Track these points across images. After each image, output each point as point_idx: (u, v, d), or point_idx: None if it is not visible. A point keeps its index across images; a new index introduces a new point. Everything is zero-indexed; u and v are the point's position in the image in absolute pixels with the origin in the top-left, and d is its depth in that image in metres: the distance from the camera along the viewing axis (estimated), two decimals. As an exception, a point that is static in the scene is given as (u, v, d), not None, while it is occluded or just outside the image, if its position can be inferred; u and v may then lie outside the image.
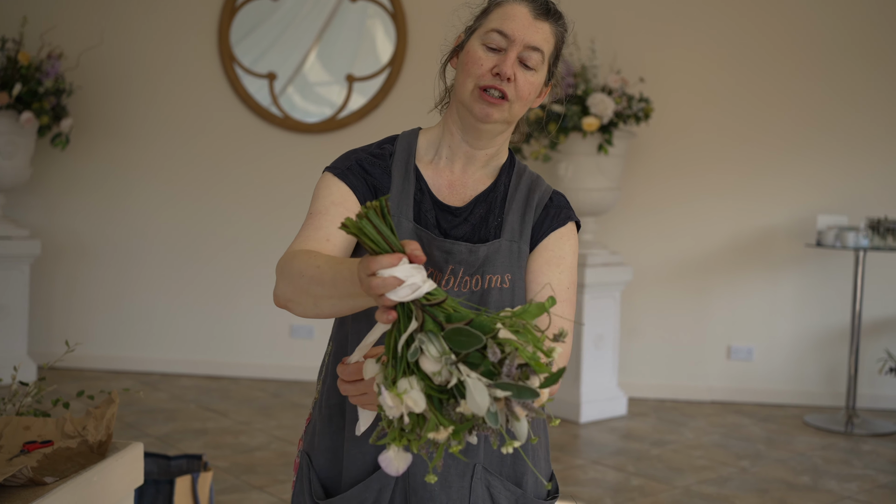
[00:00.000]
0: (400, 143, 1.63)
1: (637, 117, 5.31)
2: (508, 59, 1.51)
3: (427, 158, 1.63)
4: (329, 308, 1.36)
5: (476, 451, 1.53)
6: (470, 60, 1.54)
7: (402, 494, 1.52)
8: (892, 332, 5.85)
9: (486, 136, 1.59)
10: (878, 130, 5.87)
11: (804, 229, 5.88)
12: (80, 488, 1.81)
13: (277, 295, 1.44)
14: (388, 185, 1.57)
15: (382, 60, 6.25)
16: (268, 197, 6.16)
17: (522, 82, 1.53)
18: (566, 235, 1.61)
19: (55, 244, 6.27)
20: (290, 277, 1.40)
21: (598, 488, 4.15)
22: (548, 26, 1.56)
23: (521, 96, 1.54)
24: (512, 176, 1.64)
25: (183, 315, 6.27)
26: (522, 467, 1.59)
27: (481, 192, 1.61)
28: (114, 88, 6.27)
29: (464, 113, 1.57)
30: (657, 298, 6.01)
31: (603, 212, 5.57)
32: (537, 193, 1.63)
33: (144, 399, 5.46)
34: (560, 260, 1.58)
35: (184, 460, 3.41)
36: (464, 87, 1.55)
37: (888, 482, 4.39)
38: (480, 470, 1.54)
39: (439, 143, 1.63)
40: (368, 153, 1.61)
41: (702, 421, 5.46)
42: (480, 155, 1.61)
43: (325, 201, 1.54)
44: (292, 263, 1.41)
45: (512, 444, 1.10)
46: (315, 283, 1.35)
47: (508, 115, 1.55)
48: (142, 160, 6.29)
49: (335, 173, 1.57)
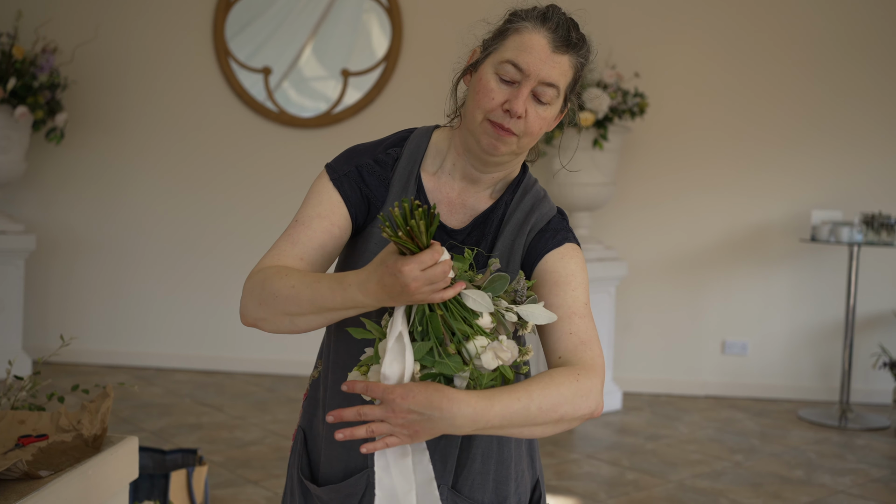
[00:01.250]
0: (408, 147, 1.57)
1: (632, 112, 5.31)
2: (521, 96, 1.44)
3: (431, 169, 1.57)
4: (305, 324, 1.38)
5: (442, 473, 1.49)
6: (482, 90, 1.46)
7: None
8: (885, 326, 5.87)
9: (491, 165, 1.53)
10: (873, 125, 5.89)
11: (798, 224, 5.89)
12: (75, 482, 1.82)
13: (246, 314, 1.43)
14: (383, 197, 1.53)
15: (378, 55, 6.24)
16: (263, 192, 6.16)
17: (533, 118, 1.46)
18: (568, 254, 1.52)
19: (50, 239, 6.26)
20: (262, 299, 1.39)
21: (593, 482, 4.17)
22: (566, 59, 1.47)
23: (530, 132, 1.47)
24: (515, 196, 1.57)
25: (178, 310, 6.27)
26: (504, 491, 1.53)
27: (480, 214, 1.56)
28: (108, 83, 6.26)
29: (471, 141, 1.50)
30: (652, 293, 6.02)
31: (597, 207, 5.58)
32: (535, 216, 1.55)
33: (139, 394, 5.46)
34: (568, 279, 1.49)
35: (179, 455, 3.41)
36: (473, 117, 1.47)
37: (881, 476, 4.41)
38: (447, 491, 1.49)
39: (446, 154, 1.57)
40: (372, 158, 1.55)
41: (696, 415, 5.48)
42: (485, 178, 1.56)
43: (311, 211, 1.50)
44: (264, 286, 1.40)
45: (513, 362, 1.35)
46: (291, 303, 1.36)
47: (517, 148, 1.49)
48: (137, 155, 6.28)
49: (332, 178, 1.53)
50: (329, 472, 1.55)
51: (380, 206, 1.53)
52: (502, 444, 1.54)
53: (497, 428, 1.30)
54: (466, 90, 1.54)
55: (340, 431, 1.29)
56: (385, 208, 1.52)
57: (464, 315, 1.32)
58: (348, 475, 1.52)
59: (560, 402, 1.33)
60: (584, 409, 1.36)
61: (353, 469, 1.52)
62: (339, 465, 1.53)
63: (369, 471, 1.49)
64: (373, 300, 1.29)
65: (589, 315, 1.47)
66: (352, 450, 1.51)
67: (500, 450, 1.54)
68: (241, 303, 1.43)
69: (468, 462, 1.50)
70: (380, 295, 1.27)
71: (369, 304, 1.30)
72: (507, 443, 1.55)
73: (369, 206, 1.53)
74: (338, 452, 1.53)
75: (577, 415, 1.35)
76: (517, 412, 1.30)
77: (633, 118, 5.35)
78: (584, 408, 1.36)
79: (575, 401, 1.35)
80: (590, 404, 1.36)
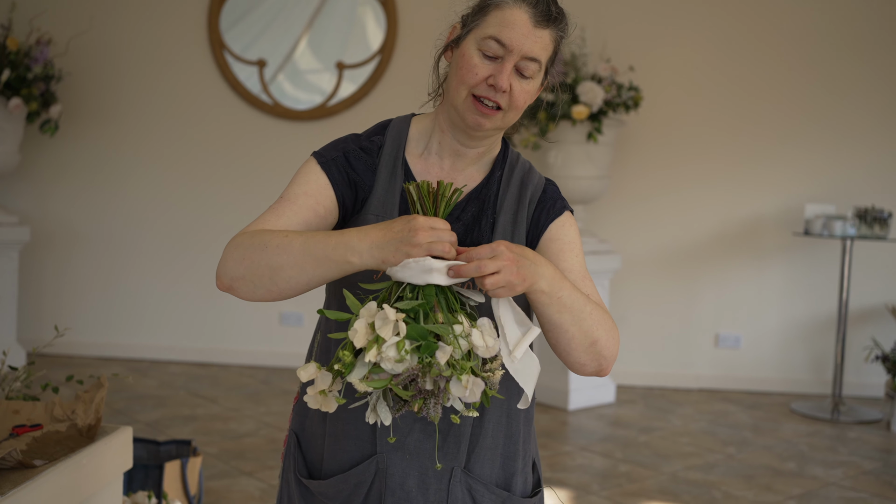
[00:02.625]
0: (390, 134, 1.59)
1: (626, 106, 5.32)
2: (505, 71, 1.46)
3: (417, 151, 1.59)
4: (286, 282, 1.38)
5: (456, 455, 1.51)
6: (465, 66, 1.48)
7: (377, 493, 1.51)
8: (878, 320, 5.89)
9: (477, 139, 1.55)
10: (866, 120, 5.90)
11: (792, 218, 5.91)
12: (70, 471, 1.82)
13: (223, 275, 1.41)
14: (370, 182, 1.54)
15: (373, 48, 6.24)
16: (257, 184, 6.16)
17: (518, 92, 1.48)
18: (567, 223, 1.58)
19: (44, 231, 6.26)
20: (246, 253, 1.39)
21: (586, 474, 4.18)
22: (547, 33, 1.49)
23: (515, 105, 1.49)
24: (504, 169, 1.60)
25: (172, 302, 6.28)
26: (512, 468, 1.56)
27: (474, 189, 1.58)
28: (103, 75, 6.25)
29: (455, 117, 1.52)
30: (646, 287, 6.03)
31: (592, 200, 5.59)
32: (530, 187, 1.59)
33: (133, 385, 5.46)
34: (571, 245, 1.56)
35: (173, 445, 3.42)
36: (457, 92, 1.49)
37: (873, 469, 4.43)
38: (460, 473, 1.51)
39: (430, 135, 1.59)
40: (358, 145, 1.57)
41: (689, 408, 5.50)
42: (471, 153, 1.58)
43: (298, 189, 1.51)
44: (252, 238, 1.40)
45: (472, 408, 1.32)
46: (280, 251, 1.37)
47: (501, 123, 1.51)
48: (131, 147, 6.27)
49: (320, 161, 1.54)
50: (334, 467, 1.54)
51: (367, 190, 1.54)
52: (511, 418, 1.56)
53: (560, 305, 1.39)
54: (448, 66, 1.56)
55: (454, 269, 1.30)
56: (374, 194, 1.53)
57: (452, 304, 1.33)
58: (355, 466, 1.52)
59: (601, 324, 1.44)
60: (610, 347, 1.45)
61: (359, 459, 1.52)
62: (345, 457, 1.52)
63: (378, 457, 1.50)
64: (367, 246, 1.33)
65: (591, 278, 1.56)
66: (358, 440, 1.52)
67: (508, 424, 1.55)
68: (220, 264, 1.41)
69: (480, 438, 1.52)
70: (379, 239, 1.32)
71: (362, 250, 1.33)
72: (516, 417, 1.56)
73: (357, 191, 1.54)
74: (343, 445, 1.53)
75: (605, 347, 1.44)
76: (577, 301, 1.41)
77: (628, 112, 5.36)
78: (611, 347, 1.45)
79: (609, 334, 1.45)
80: (612, 349, 1.46)
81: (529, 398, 1.38)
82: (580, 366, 1.46)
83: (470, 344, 1.29)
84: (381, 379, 1.28)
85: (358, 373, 1.28)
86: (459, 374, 1.26)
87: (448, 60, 1.56)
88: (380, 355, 1.25)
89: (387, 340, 1.25)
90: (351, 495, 1.52)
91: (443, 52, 1.58)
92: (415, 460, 1.50)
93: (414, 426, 1.50)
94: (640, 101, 5.38)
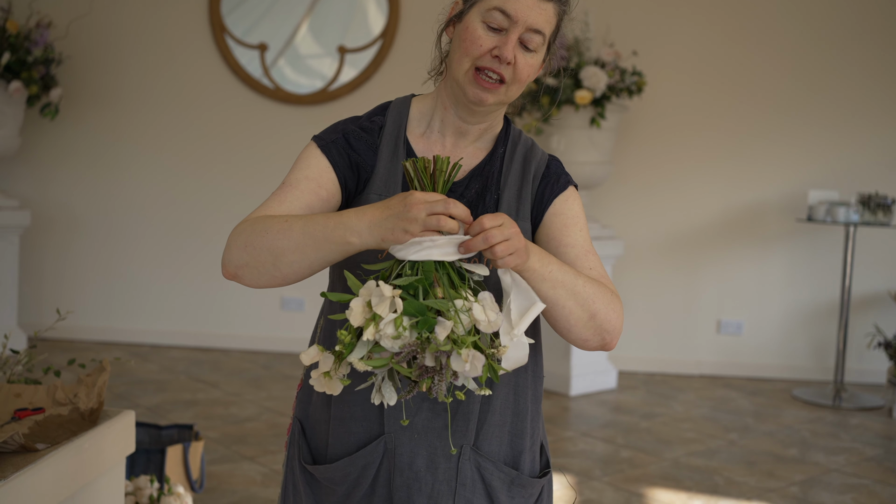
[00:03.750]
0: (391, 114, 1.58)
1: (630, 91, 5.29)
2: (510, 42, 1.44)
3: (419, 131, 1.58)
4: (288, 266, 1.37)
5: (465, 433, 1.50)
6: (469, 39, 1.46)
7: (386, 473, 1.50)
8: (880, 306, 5.88)
9: (479, 114, 1.54)
10: (870, 105, 5.87)
11: (795, 204, 5.89)
12: (72, 455, 1.82)
13: (228, 263, 1.41)
14: (372, 162, 1.53)
15: (374, 32, 6.21)
16: (258, 168, 6.14)
17: (522, 65, 1.47)
18: (571, 197, 1.58)
19: (45, 215, 6.24)
20: (249, 239, 1.39)
21: (588, 460, 4.18)
22: (552, 6, 1.48)
23: (519, 79, 1.48)
24: (507, 146, 1.59)
25: (173, 286, 6.26)
26: (520, 446, 1.55)
27: (476, 166, 1.57)
28: (103, 58, 6.22)
29: (457, 91, 1.51)
30: (648, 272, 6.02)
31: (595, 185, 5.57)
32: (533, 163, 1.58)
33: (135, 370, 5.46)
34: (575, 220, 1.56)
35: (175, 430, 3.41)
36: (460, 65, 1.48)
37: (875, 455, 4.43)
38: (469, 451, 1.50)
39: (432, 114, 1.58)
40: (358, 126, 1.56)
41: (691, 394, 5.50)
42: (473, 129, 1.57)
43: (299, 174, 1.51)
44: (255, 224, 1.40)
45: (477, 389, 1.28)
46: (281, 235, 1.36)
47: (504, 97, 1.50)
48: (132, 130, 6.25)
49: (319, 145, 1.53)
50: (340, 451, 1.52)
51: (370, 172, 1.53)
52: (518, 395, 1.54)
53: (553, 281, 1.39)
54: (450, 42, 1.55)
55: (464, 245, 1.30)
56: (376, 174, 1.53)
57: (454, 280, 1.30)
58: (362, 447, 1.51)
59: (598, 297, 1.43)
60: (612, 320, 1.45)
61: (366, 440, 1.51)
62: (351, 440, 1.51)
63: (386, 437, 1.48)
64: (365, 225, 1.31)
65: (596, 252, 1.55)
66: (365, 421, 1.50)
67: (516, 402, 1.54)
68: (224, 252, 1.42)
69: (488, 416, 1.51)
70: (376, 218, 1.31)
71: (361, 230, 1.32)
72: (524, 394, 1.55)
73: (359, 172, 1.53)
74: (349, 427, 1.51)
75: (606, 320, 1.44)
76: (568, 275, 1.41)
77: (631, 97, 5.33)
78: (613, 320, 1.45)
79: (608, 307, 1.44)
80: (615, 321, 1.45)
81: (508, 369, 1.34)
82: (583, 342, 1.45)
83: (471, 318, 1.26)
84: (382, 358, 1.26)
85: (358, 352, 1.26)
86: (459, 348, 1.23)
87: (450, 36, 1.55)
88: (378, 333, 1.23)
89: (384, 318, 1.23)
90: (359, 478, 1.51)
91: (445, 28, 1.57)
92: (423, 439, 1.49)
93: (422, 405, 1.49)
94: (644, 85, 5.35)
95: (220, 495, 3.52)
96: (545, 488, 1.60)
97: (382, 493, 1.51)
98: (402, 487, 1.49)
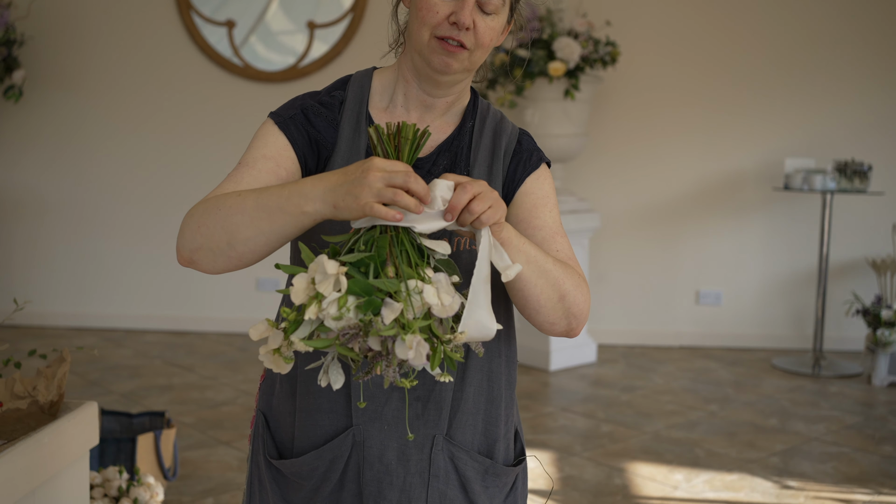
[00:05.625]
0: (352, 88, 1.51)
1: (604, 61, 5.23)
2: (466, 7, 1.38)
3: (381, 105, 1.51)
4: (243, 245, 1.29)
5: (437, 422, 1.44)
6: (424, 7, 1.40)
7: (355, 467, 1.44)
8: (858, 274, 5.88)
9: (444, 86, 1.48)
10: (846, 73, 5.84)
11: (772, 173, 5.87)
12: (31, 450, 1.75)
13: (182, 248, 1.33)
14: (332, 139, 1.46)
15: (344, 6, 6.10)
16: (230, 147, 6.03)
17: (483, 29, 1.41)
18: (542, 176, 1.52)
19: (12, 199, 6.12)
20: (202, 220, 1.31)
21: (568, 435, 4.15)
22: None
23: (482, 44, 1.42)
24: (476, 120, 1.53)
25: (146, 270, 6.17)
26: (494, 434, 1.49)
27: (444, 141, 1.50)
28: (67, 38, 6.08)
29: (420, 63, 1.45)
30: (625, 244, 5.99)
31: (570, 158, 5.51)
32: (504, 138, 1.52)
33: (109, 356, 5.38)
34: (546, 200, 1.50)
35: (146, 418, 3.35)
36: (419, 36, 1.42)
37: (855, 423, 4.43)
38: (441, 441, 1.44)
39: (394, 88, 1.52)
40: (317, 101, 1.49)
41: (671, 366, 5.48)
42: (440, 103, 1.51)
43: (256, 153, 1.43)
44: (207, 203, 1.32)
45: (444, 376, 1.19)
46: (234, 211, 1.28)
47: (469, 63, 1.44)
48: (99, 112, 6.12)
49: (277, 121, 1.46)
50: (306, 444, 1.46)
51: (330, 148, 1.46)
52: (492, 382, 1.49)
53: (525, 254, 1.33)
54: (408, 13, 1.49)
55: (450, 212, 1.22)
56: (337, 151, 1.46)
57: (414, 258, 1.21)
58: (329, 440, 1.44)
59: (566, 279, 1.38)
60: (580, 303, 1.40)
61: (334, 433, 1.44)
62: (318, 433, 1.45)
63: (354, 429, 1.42)
64: (320, 191, 1.22)
65: (566, 235, 1.50)
66: (332, 413, 1.44)
67: (489, 388, 1.48)
68: (178, 238, 1.34)
69: (461, 404, 1.45)
70: (332, 183, 1.22)
71: (315, 196, 1.23)
72: (497, 380, 1.49)
73: (319, 149, 1.46)
74: (315, 420, 1.45)
75: (574, 303, 1.39)
76: (538, 256, 1.35)
77: (605, 67, 5.27)
78: (581, 303, 1.40)
79: (577, 290, 1.39)
80: (583, 305, 1.40)
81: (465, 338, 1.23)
82: (550, 325, 1.39)
83: (422, 301, 1.16)
84: (327, 338, 1.16)
85: (302, 332, 1.17)
86: (404, 333, 1.13)
87: (407, 6, 1.49)
88: (321, 313, 1.14)
89: (326, 297, 1.14)
90: (326, 472, 1.44)
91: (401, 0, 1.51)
92: (393, 431, 1.42)
93: (392, 395, 1.42)
94: (618, 56, 5.28)
95: (196, 482, 3.47)
96: (520, 476, 1.55)
97: (352, 488, 1.44)
98: (373, 481, 1.43)
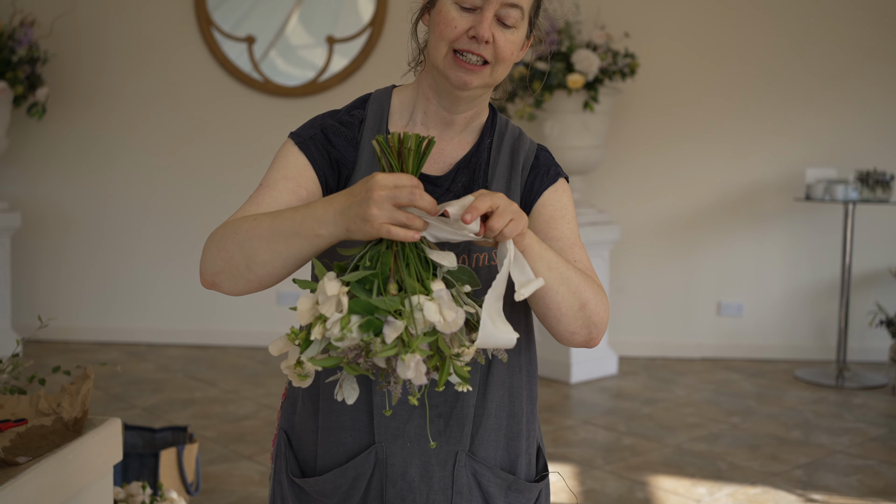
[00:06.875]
0: (371, 107, 1.51)
1: (622, 73, 5.22)
2: (485, 21, 1.37)
3: (401, 122, 1.51)
4: (262, 267, 1.30)
5: (459, 439, 1.44)
6: (442, 22, 1.40)
7: (378, 484, 1.44)
8: (881, 284, 5.83)
9: (464, 101, 1.47)
10: (866, 81, 5.81)
11: (793, 183, 5.84)
12: (55, 467, 1.76)
13: (204, 271, 1.35)
14: (352, 158, 1.46)
15: (364, 20, 6.13)
16: (250, 162, 6.07)
17: (502, 43, 1.40)
18: (560, 189, 1.52)
19: (36, 216, 6.18)
20: (222, 244, 1.32)
21: (590, 448, 4.14)
22: None
23: (502, 58, 1.41)
24: (494, 136, 1.53)
25: (169, 284, 6.21)
26: (516, 449, 1.49)
27: (462, 158, 1.50)
28: (89, 55, 6.15)
29: (439, 79, 1.44)
30: (646, 256, 5.97)
31: (589, 170, 5.51)
32: (522, 154, 1.52)
33: (132, 370, 5.41)
34: (563, 212, 1.50)
35: (169, 432, 3.37)
36: (437, 51, 1.42)
37: (879, 435, 4.39)
38: (464, 457, 1.44)
39: (413, 105, 1.52)
40: (336, 120, 1.49)
41: (692, 378, 5.45)
42: (459, 119, 1.50)
43: (277, 174, 1.44)
44: (225, 228, 1.34)
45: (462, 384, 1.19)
46: (251, 235, 1.29)
47: (490, 79, 1.44)
48: (121, 129, 6.18)
49: (297, 142, 1.46)
50: (329, 462, 1.46)
51: (350, 167, 1.46)
52: (513, 397, 1.49)
53: (547, 261, 1.32)
54: (427, 31, 1.49)
55: (466, 218, 1.20)
56: (357, 170, 1.46)
57: (420, 271, 1.19)
58: (352, 458, 1.45)
59: (587, 287, 1.37)
60: (600, 313, 1.39)
61: (357, 451, 1.45)
62: (341, 450, 1.45)
63: (377, 446, 1.42)
64: (332, 214, 1.22)
65: (583, 246, 1.50)
66: (355, 430, 1.44)
67: (511, 404, 1.48)
68: (200, 262, 1.36)
69: (483, 420, 1.45)
70: (341, 205, 1.21)
71: (328, 220, 1.23)
72: (518, 395, 1.49)
73: (339, 169, 1.47)
74: (338, 437, 1.45)
75: (595, 312, 1.38)
76: (559, 263, 1.34)
77: (624, 79, 5.27)
78: (601, 313, 1.39)
79: (597, 299, 1.39)
80: (602, 315, 1.40)
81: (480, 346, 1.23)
82: (570, 334, 1.39)
83: (423, 319, 1.15)
84: (334, 357, 1.16)
85: (311, 351, 1.17)
86: (404, 352, 1.12)
87: (426, 25, 1.49)
88: (326, 333, 1.14)
89: (329, 318, 1.13)
90: (350, 490, 1.44)
91: (420, 17, 1.51)
92: (416, 448, 1.42)
93: (413, 412, 1.42)
94: (637, 67, 5.28)
95: (218, 496, 3.48)
96: (543, 491, 1.55)
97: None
98: (396, 499, 1.43)
